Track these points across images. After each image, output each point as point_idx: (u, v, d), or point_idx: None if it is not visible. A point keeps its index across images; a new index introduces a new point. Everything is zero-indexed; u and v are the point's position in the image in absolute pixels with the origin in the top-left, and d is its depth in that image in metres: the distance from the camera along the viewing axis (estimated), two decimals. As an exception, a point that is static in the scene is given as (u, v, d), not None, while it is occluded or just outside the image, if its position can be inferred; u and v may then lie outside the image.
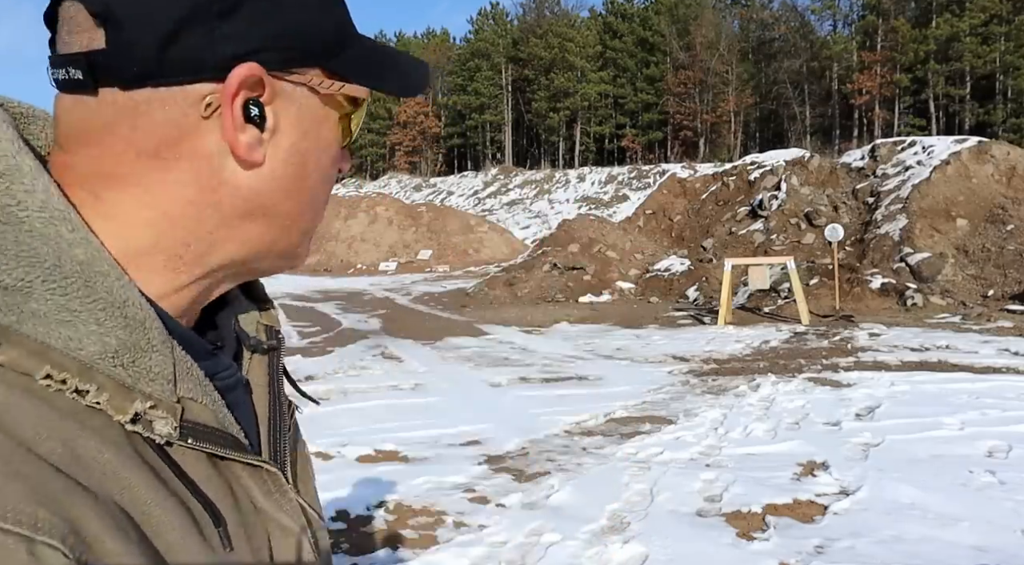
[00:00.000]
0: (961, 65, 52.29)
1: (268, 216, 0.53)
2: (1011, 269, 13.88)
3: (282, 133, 0.52)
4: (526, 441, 5.60)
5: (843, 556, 3.51)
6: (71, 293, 0.44)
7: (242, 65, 0.48)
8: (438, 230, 32.15)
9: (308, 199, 0.55)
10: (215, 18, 0.48)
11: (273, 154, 0.52)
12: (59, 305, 0.44)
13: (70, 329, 0.44)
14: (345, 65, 0.54)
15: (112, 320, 0.45)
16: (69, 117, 0.49)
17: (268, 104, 0.50)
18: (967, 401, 6.32)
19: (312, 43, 0.52)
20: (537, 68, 65.58)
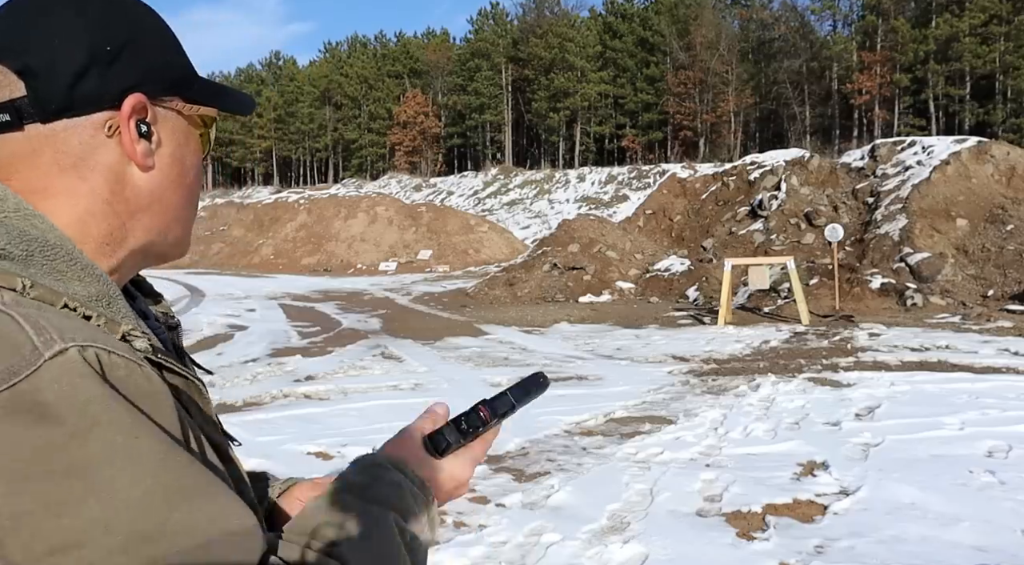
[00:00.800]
0: (961, 65, 52.28)
1: (163, 207, 0.71)
2: (1011, 269, 13.88)
3: (164, 144, 0.70)
4: (526, 441, 5.60)
5: (843, 556, 3.51)
6: (58, 259, 0.62)
7: (132, 95, 0.67)
8: (438, 230, 32.14)
9: (189, 193, 0.74)
10: (104, 64, 0.66)
11: (160, 160, 0.70)
12: (51, 267, 0.61)
13: (61, 283, 0.61)
14: (196, 94, 0.73)
15: (88, 277, 0.63)
16: (1, 152, 0.65)
17: (153, 123, 0.69)
18: (967, 401, 6.32)
19: (172, 77, 0.72)
20: (537, 68, 65.56)
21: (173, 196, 0.72)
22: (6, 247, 0.60)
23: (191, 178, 0.74)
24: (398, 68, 76.84)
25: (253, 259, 32.59)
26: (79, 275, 0.62)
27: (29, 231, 0.62)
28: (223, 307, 15.95)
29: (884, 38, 55.16)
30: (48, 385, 0.52)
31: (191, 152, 0.74)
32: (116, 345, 0.57)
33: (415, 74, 76.12)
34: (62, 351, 0.53)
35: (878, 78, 54.30)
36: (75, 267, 0.62)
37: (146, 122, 0.68)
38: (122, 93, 0.66)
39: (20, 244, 0.60)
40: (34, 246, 0.61)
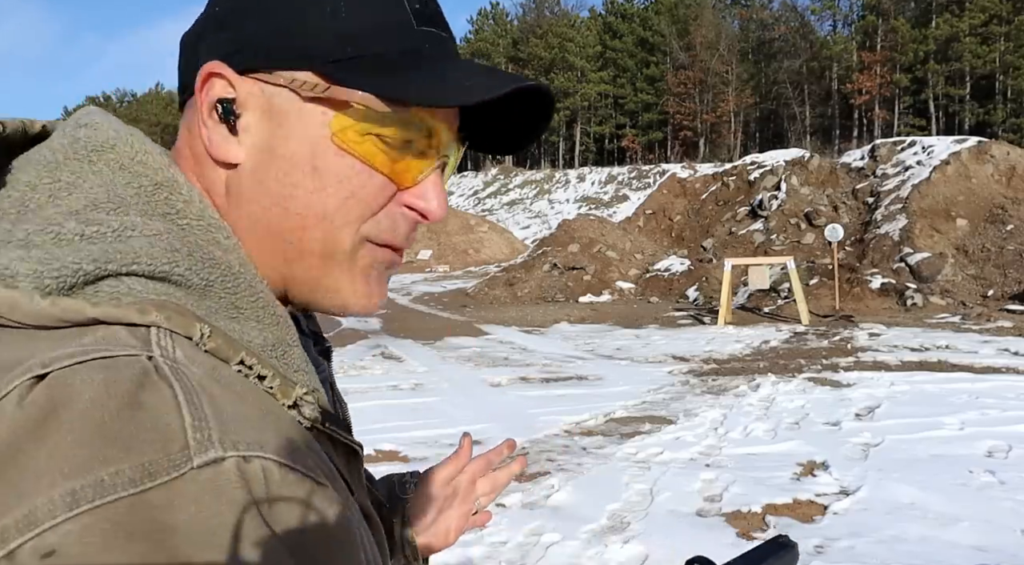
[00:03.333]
0: (961, 65, 52.30)
1: (266, 229, 0.53)
2: (1011, 269, 13.88)
3: (257, 134, 0.52)
4: (526, 441, 5.60)
5: (843, 556, 3.51)
6: (239, 293, 0.49)
7: (206, 64, 0.51)
8: (438, 230, 32.14)
9: (307, 212, 0.52)
10: (214, 32, 0.53)
11: (251, 156, 0.52)
12: (230, 303, 0.48)
13: (236, 324, 0.48)
14: (350, 71, 0.51)
15: (268, 317, 0.50)
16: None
17: (241, 104, 0.52)
18: (967, 401, 6.33)
19: (301, 44, 0.51)
20: (537, 68, 65.58)
21: (276, 213, 0.52)
22: (186, 273, 0.46)
23: (307, 188, 0.51)
24: (398, 68, 76.88)
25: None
26: (258, 315, 0.49)
27: (213, 251, 0.48)
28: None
29: (884, 38, 55.17)
30: (184, 505, 0.37)
31: (315, 151, 0.51)
32: (291, 450, 0.43)
33: (415, 74, 76.13)
34: (217, 460, 0.39)
35: (878, 78, 54.32)
36: (256, 305, 0.49)
37: (226, 101, 0.51)
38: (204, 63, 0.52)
39: (203, 270, 0.47)
40: (216, 273, 0.48)
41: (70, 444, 0.37)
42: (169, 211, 0.49)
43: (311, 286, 0.54)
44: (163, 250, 0.46)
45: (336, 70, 0.51)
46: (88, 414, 0.38)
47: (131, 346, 0.42)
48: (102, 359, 0.40)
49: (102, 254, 0.44)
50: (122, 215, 0.47)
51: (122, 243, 0.45)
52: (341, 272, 0.54)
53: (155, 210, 0.49)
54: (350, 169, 0.52)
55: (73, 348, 0.40)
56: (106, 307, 0.43)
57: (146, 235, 0.46)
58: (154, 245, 0.46)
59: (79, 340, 0.41)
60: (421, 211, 0.55)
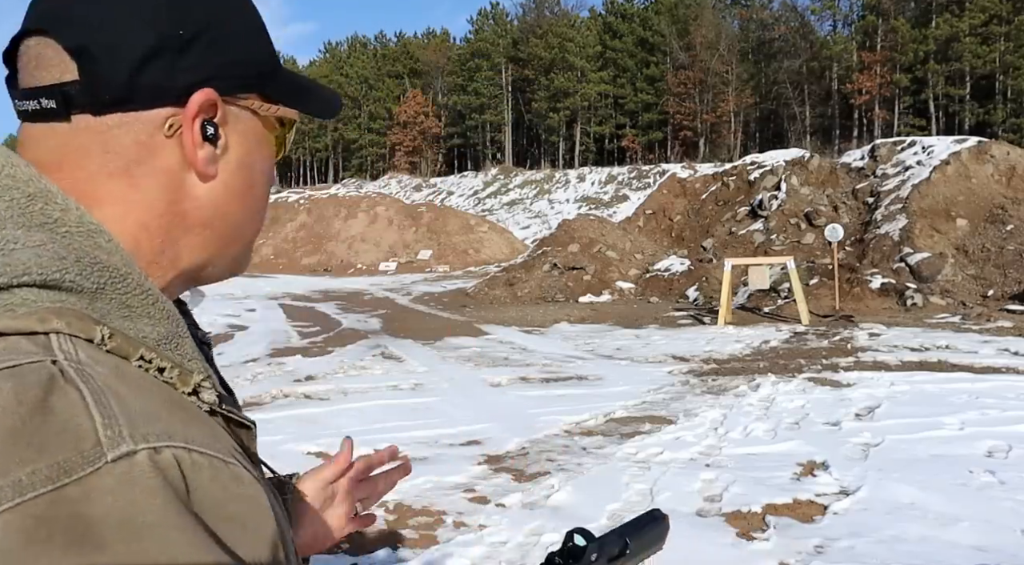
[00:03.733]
0: (961, 65, 52.29)
1: (224, 223, 0.61)
2: (1011, 269, 13.88)
3: (231, 150, 0.59)
4: (526, 441, 5.60)
5: (843, 556, 3.51)
6: (130, 292, 0.51)
7: (201, 90, 0.56)
8: (438, 230, 32.14)
9: (255, 207, 0.63)
10: (175, 52, 0.55)
11: (224, 168, 0.59)
12: (122, 303, 0.51)
13: (130, 322, 0.51)
14: (277, 91, 0.62)
15: (158, 313, 0.52)
16: (42, 145, 0.55)
17: (221, 125, 0.58)
18: (967, 401, 6.33)
19: (252, 72, 0.60)
20: (537, 68, 65.57)
21: (237, 210, 0.61)
22: (77, 278, 0.48)
23: (260, 188, 0.63)
24: (398, 68, 76.86)
25: (253, 259, 32.02)
26: (149, 312, 0.52)
27: (98, 255, 0.50)
28: (223, 307, 15.95)
29: (884, 38, 55.16)
30: (101, 497, 0.40)
31: (263, 158, 0.62)
32: (196, 434, 0.46)
33: (415, 74, 76.14)
34: (129, 453, 0.42)
35: (878, 78, 54.31)
36: (146, 302, 0.52)
37: (213, 123, 0.57)
38: (190, 87, 0.55)
39: (92, 274, 0.49)
40: (105, 276, 0.50)
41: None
42: (47, 221, 0.50)
43: (231, 262, 0.64)
44: (50, 259, 0.48)
45: (271, 92, 0.62)
46: (0, 422, 0.40)
47: (33, 354, 0.44)
48: (7, 369, 0.42)
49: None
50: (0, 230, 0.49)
51: (6, 257, 0.47)
52: (249, 251, 0.67)
53: (32, 221, 0.50)
54: (272, 168, 0.66)
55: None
56: (3, 321, 0.45)
57: (29, 247, 0.48)
58: (41, 255, 0.48)
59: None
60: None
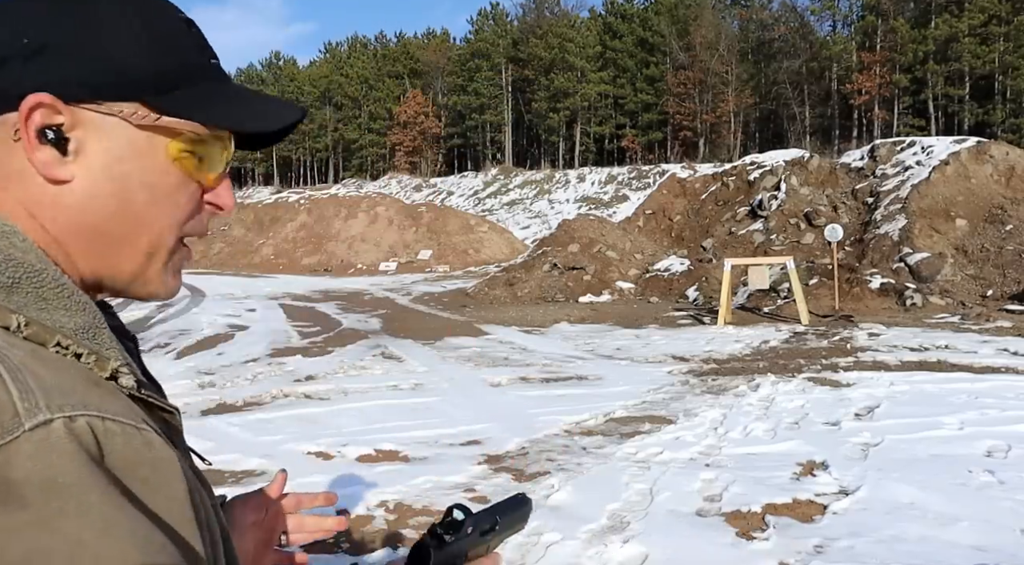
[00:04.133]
0: (960, 65, 52.28)
1: (100, 235, 0.60)
2: (1010, 269, 13.89)
3: (92, 157, 0.59)
4: (526, 441, 5.61)
5: (842, 556, 3.52)
6: (45, 286, 0.55)
7: (32, 95, 0.56)
8: (438, 230, 32.14)
9: (139, 221, 0.61)
10: (20, 60, 0.57)
11: (85, 175, 0.59)
12: (38, 296, 0.54)
13: (46, 313, 0.54)
14: (174, 102, 0.61)
15: (75, 306, 0.56)
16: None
17: (70, 130, 0.58)
18: (966, 401, 6.33)
19: (122, 80, 0.59)
20: (537, 68, 65.54)
21: (113, 223, 0.60)
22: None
23: (142, 202, 0.61)
24: (398, 68, 76.82)
25: (253, 259, 32.61)
26: (65, 304, 0.55)
27: (13, 253, 0.55)
28: (223, 307, 15.95)
29: (884, 38, 55.15)
30: (21, 462, 0.45)
31: (145, 169, 0.61)
32: (110, 406, 0.51)
33: (415, 74, 76.11)
34: (46, 422, 0.46)
35: (878, 78, 54.30)
36: (62, 295, 0.55)
37: (55, 127, 0.57)
38: (31, 92, 0.57)
39: (7, 270, 0.54)
40: (20, 271, 0.54)
41: None
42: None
43: (130, 279, 0.63)
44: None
45: (163, 102, 0.61)
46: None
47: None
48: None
49: None
50: None
51: None
52: (159, 268, 0.64)
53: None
54: (176, 183, 0.63)
55: None
56: None
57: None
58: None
59: None
60: (220, 205, 0.67)
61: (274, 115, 0.67)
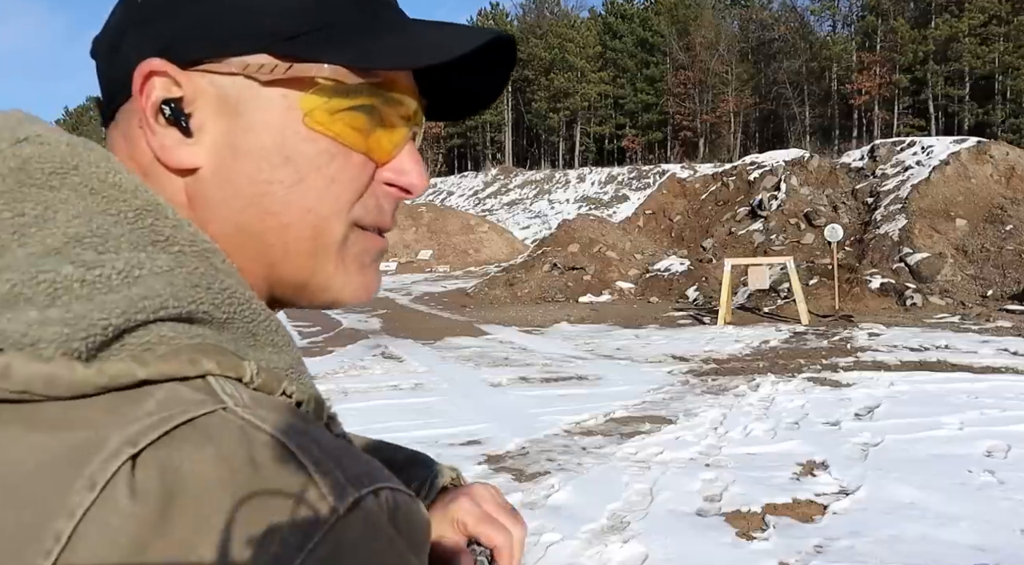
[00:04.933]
0: (960, 66, 52.32)
1: (248, 233, 0.48)
2: (1010, 269, 13.89)
3: (217, 132, 0.47)
4: (526, 441, 5.61)
5: (842, 556, 3.52)
6: (256, 320, 0.44)
7: (138, 66, 0.45)
8: (438, 230, 32.15)
9: (288, 208, 0.47)
10: (137, 27, 0.47)
11: (214, 157, 0.47)
12: (247, 332, 0.44)
13: (258, 352, 0.44)
14: (309, 44, 0.46)
15: (280, 340, 0.46)
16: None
17: (192, 102, 0.46)
18: (966, 401, 6.33)
19: (249, 24, 0.46)
20: (537, 68, 65.58)
21: (253, 214, 0.47)
22: (211, 309, 0.41)
23: (284, 182, 0.47)
24: (398, 68, 76.88)
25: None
26: (273, 340, 0.45)
27: (223, 280, 0.43)
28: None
29: (883, 38, 55.18)
30: (350, 551, 0.37)
31: (283, 138, 0.47)
32: (387, 473, 0.41)
33: (415, 74, 76.13)
34: (357, 502, 0.38)
35: (877, 78, 54.33)
36: (269, 329, 0.45)
37: (172, 101, 0.46)
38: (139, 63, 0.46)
39: (223, 303, 0.42)
40: (234, 304, 0.43)
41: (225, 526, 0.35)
42: (158, 239, 0.42)
43: (299, 285, 0.50)
44: (184, 287, 0.40)
45: (294, 47, 0.46)
46: (222, 491, 0.35)
47: (202, 403, 0.37)
48: (185, 424, 0.36)
49: (128, 303, 0.38)
50: (115, 251, 0.40)
51: (135, 286, 0.39)
52: (333, 266, 0.50)
53: (143, 240, 0.42)
54: (326, 152, 0.48)
55: (144, 419, 0.36)
56: (155, 365, 0.38)
57: (156, 273, 0.40)
58: (174, 283, 0.40)
59: (140, 407, 0.36)
60: (403, 186, 0.52)
61: (451, 43, 0.48)
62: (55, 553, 0.32)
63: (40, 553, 0.32)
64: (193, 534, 0.34)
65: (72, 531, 0.32)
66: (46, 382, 0.35)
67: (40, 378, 0.35)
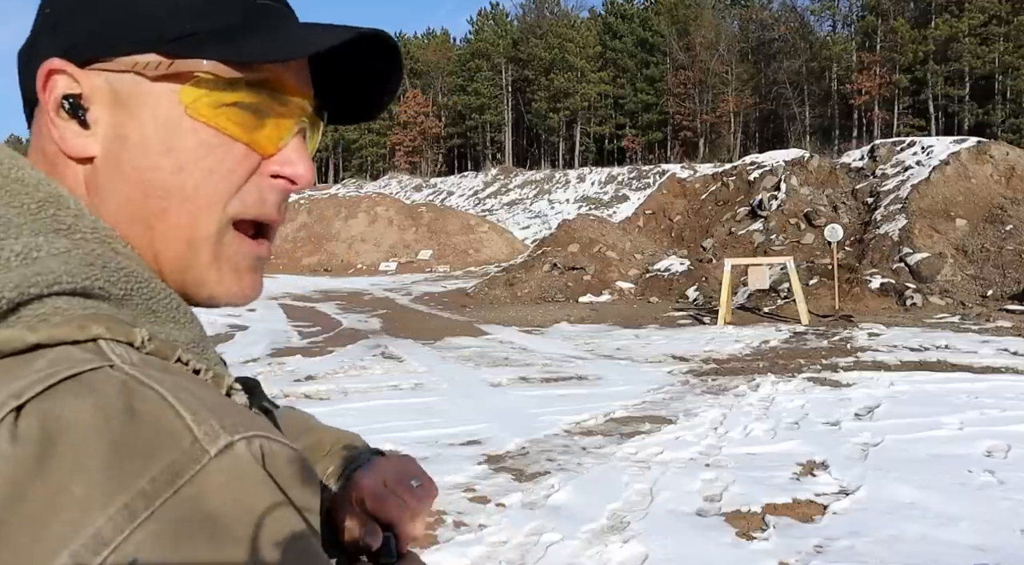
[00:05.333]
0: (960, 66, 52.30)
1: (135, 221, 0.51)
2: (1010, 269, 13.89)
3: (110, 124, 0.51)
4: (526, 441, 5.61)
5: (842, 556, 3.52)
6: (154, 297, 0.48)
7: (44, 62, 0.51)
8: (438, 230, 32.15)
9: (168, 196, 0.51)
10: (49, 30, 0.52)
11: (108, 148, 0.51)
12: (147, 308, 0.47)
13: (158, 326, 0.47)
14: (193, 43, 0.51)
15: (182, 317, 0.49)
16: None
17: (89, 98, 0.51)
18: (966, 401, 6.33)
19: (139, 24, 0.51)
20: (537, 68, 65.56)
21: (139, 202, 0.51)
22: (105, 285, 0.45)
23: (165, 170, 0.51)
24: (398, 68, 76.86)
25: (253, 259, 32.58)
26: (174, 317, 0.49)
27: (120, 261, 0.47)
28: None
29: (883, 39, 55.17)
30: (216, 491, 0.39)
31: (167, 130, 0.51)
32: (269, 427, 0.44)
33: (415, 74, 76.13)
34: (228, 446, 0.40)
35: (877, 78, 54.32)
36: (170, 306, 0.48)
37: (72, 96, 0.50)
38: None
39: (119, 280, 0.46)
40: (131, 282, 0.46)
41: (98, 467, 0.37)
42: (60, 227, 0.46)
43: (179, 277, 0.53)
44: (79, 265, 0.44)
45: (179, 47, 0.51)
46: (97, 437, 0.37)
47: (89, 360, 0.40)
48: (70, 379, 0.39)
49: (21, 279, 0.41)
50: (15, 238, 0.43)
51: (32, 265, 0.42)
52: (207, 261, 0.53)
53: (45, 228, 0.45)
54: (207, 143, 0.51)
55: (32, 375, 0.39)
56: (45, 330, 0.40)
57: (53, 254, 0.44)
58: (69, 262, 0.44)
59: (30, 366, 0.39)
60: (289, 176, 0.54)
61: (317, 39, 0.52)
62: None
63: None
64: (69, 476, 0.36)
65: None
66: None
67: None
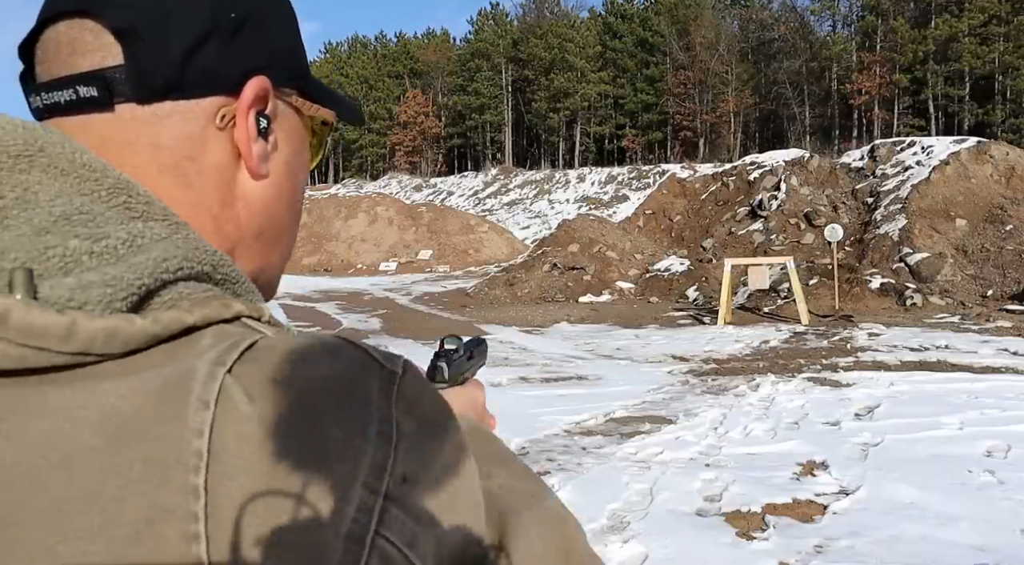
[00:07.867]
0: (960, 65, 52.29)
1: (275, 230, 0.55)
2: (1010, 269, 13.89)
3: (280, 148, 0.54)
4: (526, 441, 5.61)
5: (842, 556, 3.52)
6: (240, 281, 0.48)
7: (256, 78, 0.51)
8: (438, 230, 32.15)
9: (295, 218, 0.58)
10: (228, 35, 0.50)
11: (275, 168, 0.53)
12: (233, 293, 0.47)
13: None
14: (313, 90, 0.56)
15: (259, 299, 0.50)
16: (79, 140, 0.47)
17: (272, 119, 0.53)
18: (966, 401, 6.33)
19: (294, 65, 0.55)
20: (537, 68, 65.56)
21: (280, 219, 0.55)
22: (209, 270, 0.45)
23: (299, 197, 0.57)
24: (398, 68, 76.88)
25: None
26: (252, 299, 0.49)
27: (212, 250, 0.46)
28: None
29: (883, 38, 55.16)
30: (418, 400, 0.42)
31: (302, 165, 0.57)
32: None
33: (415, 74, 76.16)
34: (404, 367, 0.42)
35: (877, 78, 54.32)
36: (249, 290, 0.49)
37: (266, 116, 0.52)
38: (244, 75, 0.50)
39: (219, 265, 0.46)
40: (226, 267, 0.47)
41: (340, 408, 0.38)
42: (134, 215, 0.44)
43: (272, 281, 0.58)
44: (189, 250, 0.44)
45: (309, 90, 0.56)
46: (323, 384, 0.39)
47: (251, 334, 0.41)
48: (251, 348, 0.39)
49: (154, 265, 0.41)
50: (106, 225, 0.42)
51: (144, 251, 0.42)
52: (279, 277, 0.60)
53: (123, 216, 0.44)
54: (303, 183, 0.58)
55: (213, 350, 0.39)
56: (200, 312, 0.41)
57: (156, 240, 0.43)
58: (180, 247, 0.43)
59: (197, 345, 0.39)
60: None
61: (358, 112, 0.64)
62: (203, 467, 0.34)
63: (190, 471, 0.34)
64: (323, 422, 0.37)
65: (208, 445, 0.35)
66: (107, 336, 0.37)
67: (102, 333, 0.37)
